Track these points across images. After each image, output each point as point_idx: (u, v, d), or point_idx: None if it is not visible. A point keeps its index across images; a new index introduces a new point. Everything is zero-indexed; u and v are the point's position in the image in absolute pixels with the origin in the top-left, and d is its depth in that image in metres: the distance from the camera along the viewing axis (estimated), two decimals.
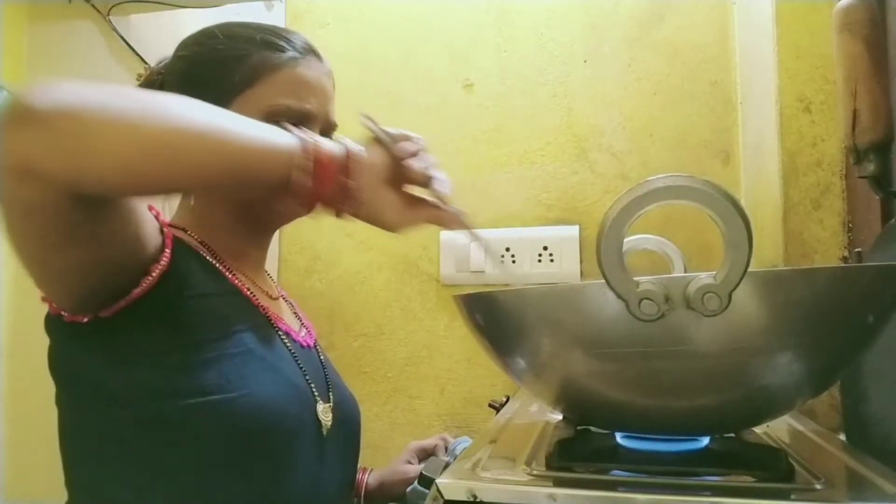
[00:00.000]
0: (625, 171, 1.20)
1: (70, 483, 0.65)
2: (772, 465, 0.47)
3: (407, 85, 1.30)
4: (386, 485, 0.90)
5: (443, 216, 0.63)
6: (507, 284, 1.20)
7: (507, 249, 1.22)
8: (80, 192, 0.48)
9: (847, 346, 0.47)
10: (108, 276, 0.56)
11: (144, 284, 0.58)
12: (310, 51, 0.75)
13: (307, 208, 0.59)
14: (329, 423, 0.70)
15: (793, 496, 0.43)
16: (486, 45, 1.28)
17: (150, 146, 0.48)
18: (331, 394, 0.74)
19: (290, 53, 0.72)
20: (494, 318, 0.53)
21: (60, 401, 0.65)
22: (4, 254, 1.41)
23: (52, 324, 0.61)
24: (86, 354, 0.61)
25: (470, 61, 1.29)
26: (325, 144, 0.56)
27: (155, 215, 0.61)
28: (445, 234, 1.25)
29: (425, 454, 0.93)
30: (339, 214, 0.59)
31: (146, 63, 1.36)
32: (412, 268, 1.28)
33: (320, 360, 0.78)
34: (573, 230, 1.20)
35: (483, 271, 1.22)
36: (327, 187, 0.56)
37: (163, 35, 1.41)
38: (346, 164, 0.57)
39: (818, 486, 0.44)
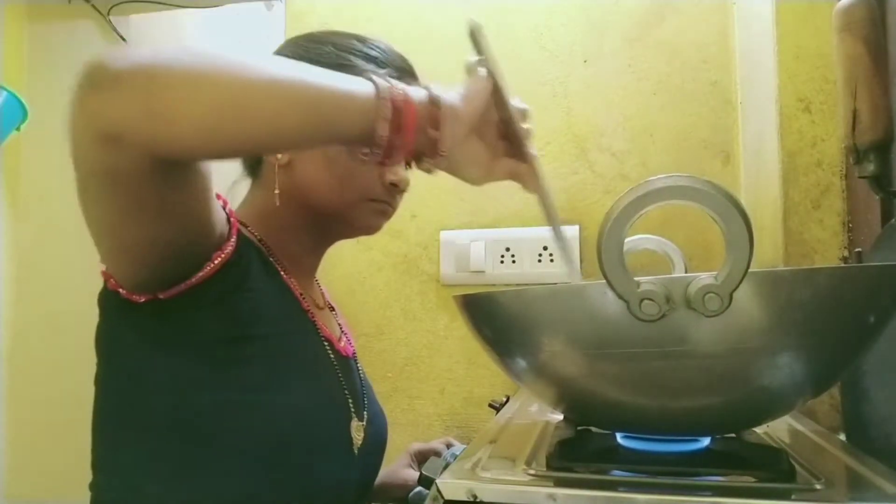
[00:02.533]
0: (625, 171, 1.20)
1: (96, 464, 0.64)
2: (772, 465, 0.47)
3: None
4: (386, 487, 0.90)
5: (523, 173, 0.59)
6: (508, 284, 1.20)
7: (507, 249, 1.22)
8: (161, 154, 0.47)
9: (847, 346, 0.47)
10: (174, 254, 0.56)
11: (206, 270, 0.58)
12: (407, 72, 0.74)
13: (386, 159, 0.54)
14: (360, 441, 0.70)
15: (793, 496, 0.43)
16: None
17: (226, 103, 0.47)
18: (365, 412, 0.73)
19: (388, 70, 0.71)
20: (494, 319, 0.53)
21: (99, 380, 0.64)
22: (5, 254, 1.41)
23: (107, 299, 0.60)
24: (134, 335, 0.60)
25: None
26: (410, 92, 0.52)
27: (222, 205, 0.61)
28: (445, 234, 1.25)
29: (424, 458, 0.92)
30: (418, 166, 0.56)
31: None
32: (412, 268, 1.28)
33: (358, 372, 0.78)
34: (573, 230, 1.20)
35: (483, 271, 1.22)
36: (409, 138, 0.52)
37: (163, 35, 1.41)
38: (434, 114, 0.53)
39: (818, 486, 0.44)
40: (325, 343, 0.71)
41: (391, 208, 0.75)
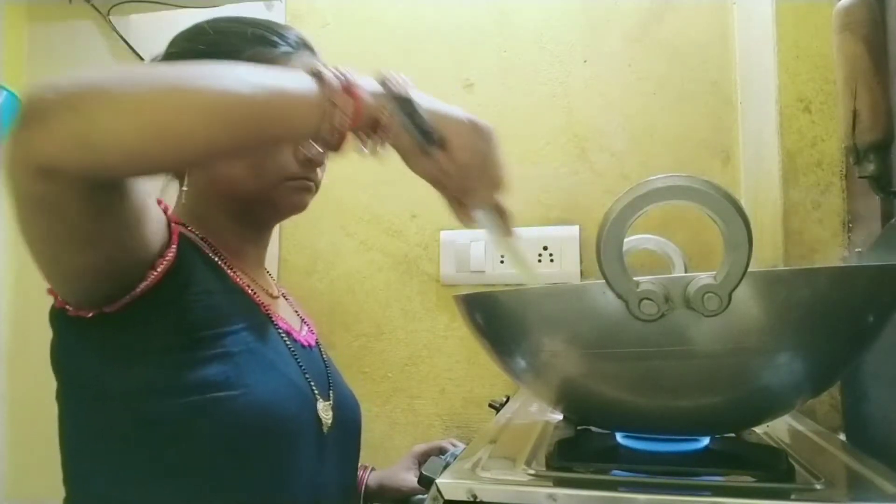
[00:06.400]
0: (625, 171, 1.20)
1: (68, 480, 0.65)
2: (772, 465, 0.47)
3: None
4: (385, 488, 0.90)
5: (437, 176, 0.65)
6: (508, 284, 1.20)
7: None
8: (93, 182, 0.48)
9: (847, 346, 0.47)
10: (116, 274, 0.56)
11: (149, 280, 0.58)
12: (303, 45, 0.74)
13: (339, 147, 0.55)
14: (329, 422, 0.70)
15: (793, 496, 0.43)
16: (486, 45, 1.28)
17: (149, 126, 0.46)
18: (331, 392, 0.74)
19: (283, 48, 0.72)
20: (494, 318, 0.53)
21: (60, 396, 0.64)
22: (5, 254, 1.41)
23: (57, 317, 0.61)
24: (88, 350, 0.61)
25: (470, 61, 1.29)
26: (351, 77, 0.55)
27: (164, 209, 0.61)
28: (445, 235, 1.25)
29: (426, 458, 0.92)
30: (366, 145, 0.58)
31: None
32: (412, 268, 1.28)
33: (322, 359, 0.78)
34: (573, 230, 1.20)
35: (483, 271, 1.22)
36: (361, 118, 0.54)
37: (163, 35, 1.40)
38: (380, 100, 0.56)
39: (818, 486, 0.44)
40: (282, 333, 0.71)
41: (312, 183, 0.75)
